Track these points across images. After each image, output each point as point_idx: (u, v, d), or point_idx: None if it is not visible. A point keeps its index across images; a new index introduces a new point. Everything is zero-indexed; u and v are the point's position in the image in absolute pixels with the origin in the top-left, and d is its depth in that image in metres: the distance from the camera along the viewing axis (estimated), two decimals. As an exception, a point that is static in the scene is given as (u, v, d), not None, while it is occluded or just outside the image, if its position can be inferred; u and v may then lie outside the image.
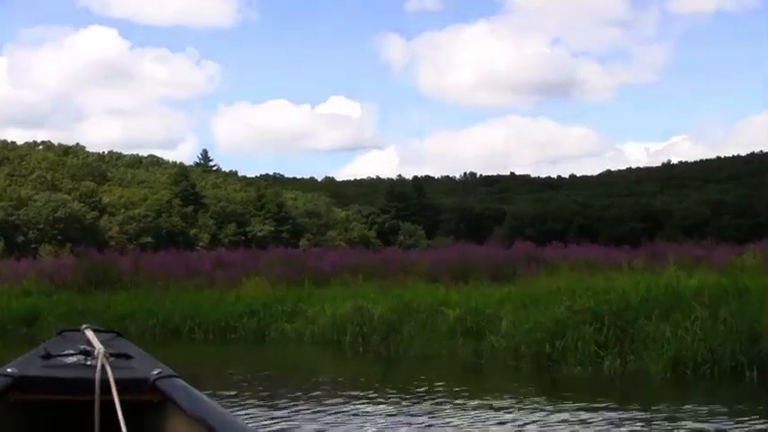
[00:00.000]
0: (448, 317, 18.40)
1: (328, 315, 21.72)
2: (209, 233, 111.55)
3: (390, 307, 20.39)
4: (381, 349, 19.21)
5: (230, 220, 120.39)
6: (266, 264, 32.47)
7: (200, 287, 28.69)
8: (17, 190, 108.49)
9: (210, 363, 20.16)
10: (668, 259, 27.58)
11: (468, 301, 18.87)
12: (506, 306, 17.96)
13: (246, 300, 25.09)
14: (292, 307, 23.71)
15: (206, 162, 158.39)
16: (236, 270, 31.18)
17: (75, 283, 29.53)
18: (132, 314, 25.07)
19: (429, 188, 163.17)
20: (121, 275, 29.93)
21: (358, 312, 20.70)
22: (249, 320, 23.54)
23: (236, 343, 22.76)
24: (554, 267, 29.21)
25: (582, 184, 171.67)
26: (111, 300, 26.71)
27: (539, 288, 19.22)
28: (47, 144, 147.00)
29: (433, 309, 19.56)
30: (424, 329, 18.82)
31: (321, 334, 21.34)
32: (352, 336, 20.27)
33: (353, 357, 19.52)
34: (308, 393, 13.91)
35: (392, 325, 19.67)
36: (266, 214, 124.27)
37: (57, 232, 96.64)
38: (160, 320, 24.48)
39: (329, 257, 33.43)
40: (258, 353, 21.78)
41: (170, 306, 25.22)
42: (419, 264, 31.75)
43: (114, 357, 4.44)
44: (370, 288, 25.51)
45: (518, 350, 15.93)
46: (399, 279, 27.78)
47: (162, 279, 29.91)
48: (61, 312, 25.58)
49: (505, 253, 31.63)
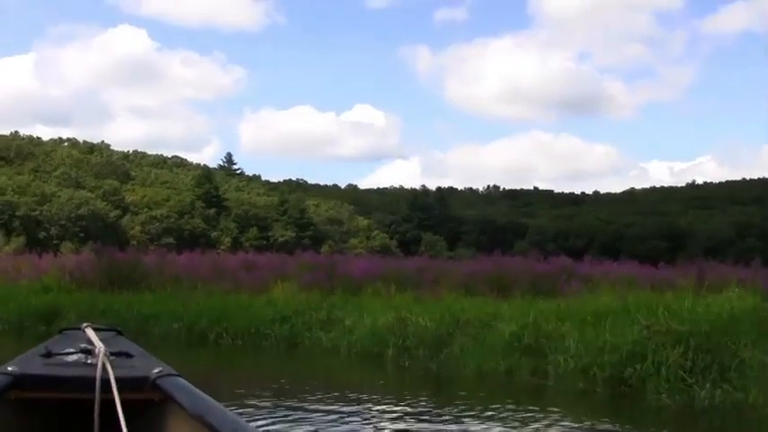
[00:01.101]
0: (502, 332, 16.94)
1: (367, 325, 20.30)
2: (231, 236, 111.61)
3: (437, 319, 18.91)
4: (429, 364, 17.75)
5: (252, 224, 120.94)
6: (296, 268, 31.35)
7: (226, 290, 27.39)
8: (41, 186, 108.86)
9: (241, 371, 19.06)
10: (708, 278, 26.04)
11: (523, 316, 17.40)
12: (567, 323, 16.49)
13: (277, 305, 23.70)
14: (327, 315, 22.28)
15: (230, 165, 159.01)
16: (264, 274, 29.91)
17: (97, 281, 28.30)
18: (156, 316, 23.90)
19: (452, 199, 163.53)
20: (145, 275, 28.69)
21: (401, 324, 19.34)
22: (281, 327, 22.12)
23: (266, 350, 21.31)
24: (594, 283, 27.80)
25: (605, 202, 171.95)
26: (135, 300, 25.46)
27: (595, 304, 17.78)
28: (72, 141, 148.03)
29: (482, 322, 18.12)
30: (477, 345, 17.36)
31: (360, 345, 19.85)
32: (394, 348, 18.90)
33: (397, 372, 18.00)
34: (349, 409, 12.78)
35: (440, 339, 18.24)
36: (288, 220, 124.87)
37: (78, 229, 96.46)
38: (186, 323, 23.23)
39: (360, 264, 32.07)
40: (292, 362, 20.41)
41: (196, 309, 23.96)
42: (454, 274, 30.47)
43: (115, 356, 4.42)
44: (404, 298, 24.20)
45: (588, 372, 14.49)
46: (434, 289, 26.44)
47: (187, 280, 28.74)
48: (82, 311, 24.24)
49: (543, 266, 30.19)
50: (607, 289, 25.20)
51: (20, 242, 67.00)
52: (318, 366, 19.48)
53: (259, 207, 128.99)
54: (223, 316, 23.10)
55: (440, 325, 18.51)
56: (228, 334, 22.37)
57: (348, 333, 20.56)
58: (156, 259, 31.66)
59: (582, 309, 17.24)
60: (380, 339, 19.37)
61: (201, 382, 13.01)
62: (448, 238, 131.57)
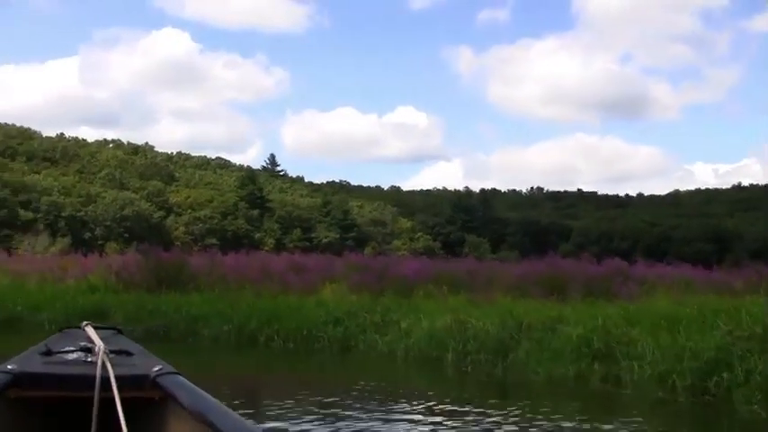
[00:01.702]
0: (569, 336, 16.19)
1: (424, 328, 19.58)
2: (274, 237, 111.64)
3: (497, 322, 18.17)
4: (493, 370, 17.01)
5: (295, 225, 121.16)
6: (344, 270, 30.79)
7: (274, 292, 26.79)
8: (86, 187, 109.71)
9: (293, 374, 18.42)
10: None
11: (589, 320, 16.65)
12: (637, 327, 15.74)
13: (328, 307, 23.07)
14: (381, 317, 21.54)
15: (273, 166, 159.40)
16: (311, 275, 29.45)
17: (144, 281, 27.88)
18: (205, 317, 23.33)
19: (495, 201, 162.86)
20: (193, 276, 28.18)
21: (460, 327, 18.61)
22: (334, 330, 21.45)
23: (319, 353, 20.67)
24: (650, 285, 27.24)
25: (649, 204, 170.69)
26: (183, 301, 24.92)
27: (666, 307, 17.07)
28: (117, 143, 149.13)
29: (546, 326, 17.38)
30: (543, 349, 16.61)
31: (417, 349, 19.10)
32: (454, 353, 18.14)
33: (459, 377, 17.21)
34: (410, 417, 12.24)
35: (503, 343, 17.47)
36: (332, 221, 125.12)
37: (123, 230, 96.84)
38: (235, 325, 22.62)
39: (410, 266, 31.43)
40: (346, 366, 19.87)
41: (246, 310, 23.34)
42: (505, 276, 29.78)
43: (115, 354, 4.46)
44: (458, 300, 23.59)
45: (666, 380, 13.71)
46: (487, 292, 25.76)
47: (235, 281, 28.23)
48: (129, 311, 24.07)
49: (596, 268, 29.40)
50: (663, 291, 25.00)
51: (65, 242, 66.96)
52: (374, 370, 18.79)
53: (302, 208, 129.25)
54: (273, 317, 22.48)
55: (501, 328, 17.79)
56: (279, 336, 21.77)
57: (404, 336, 19.86)
58: (204, 260, 31.18)
59: (652, 312, 16.57)
60: (439, 343, 18.65)
61: (253, 386, 12.42)
62: (491, 239, 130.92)
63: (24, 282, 31.02)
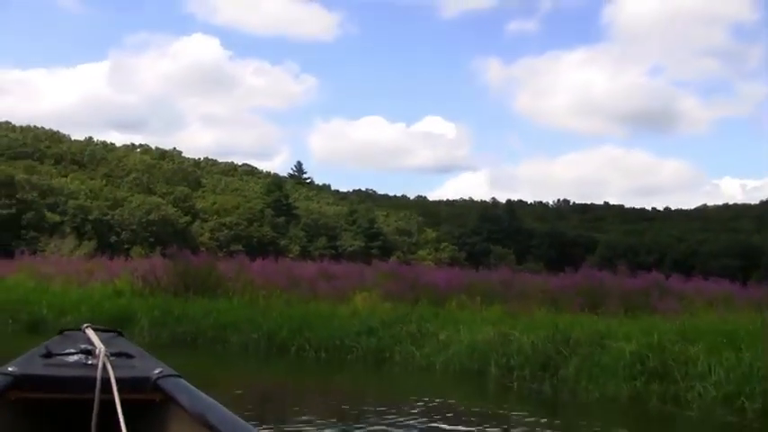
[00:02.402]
0: (622, 352, 15.32)
1: (464, 341, 18.75)
2: (300, 245, 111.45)
3: (543, 336, 17.28)
4: (541, 386, 16.13)
5: (321, 233, 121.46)
6: (375, 278, 30.09)
7: (305, 299, 26.18)
8: (113, 191, 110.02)
9: (326, 387, 17.62)
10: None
11: (643, 335, 15.78)
12: (695, 344, 14.88)
13: (361, 316, 22.33)
14: (417, 328, 20.69)
15: (300, 174, 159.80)
16: (342, 283, 28.77)
17: (171, 286, 27.12)
18: (235, 324, 22.54)
19: (521, 212, 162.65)
20: (222, 281, 27.47)
21: (503, 340, 17.81)
22: (368, 340, 20.57)
23: (352, 365, 19.89)
24: (688, 300, 26.64)
25: (676, 218, 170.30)
26: (211, 307, 24.15)
27: (717, 323, 16.26)
28: (144, 147, 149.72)
29: (594, 341, 16.50)
30: (593, 366, 15.72)
31: (458, 362, 18.21)
32: (497, 367, 17.30)
33: (503, 394, 16.26)
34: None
35: (549, 358, 16.59)
36: (357, 229, 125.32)
37: (149, 234, 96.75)
38: (265, 333, 21.82)
39: (444, 275, 30.73)
40: (381, 378, 19.03)
41: (276, 318, 22.56)
42: (540, 288, 29.04)
43: (115, 356, 4.42)
44: (494, 311, 23.07)
45: (734, 402, 12.87)
46: (522, 303, 25.03)
47: (264, 288, 27.51)
48: (156, 317, 23.54)
49: (633, 281, 28.57)
50: (704, 306, 24.40)
51: (91, 246, 66.47)
52: (411, 384, 17.96)
53: (328, 216, 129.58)
54: (305, 326, 21.73)
55: (547, 342, 16.90)
56: (311, 345, 20.94)
57: (443, 348, 19.02)
58: (232, 265, 30.47)
59: (709, 328, 15.69)
60: (481, 356, 17.83)
61: (283, 397, 11.62)
62: (517, 251, 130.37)
63: (50, 284, 30.38)
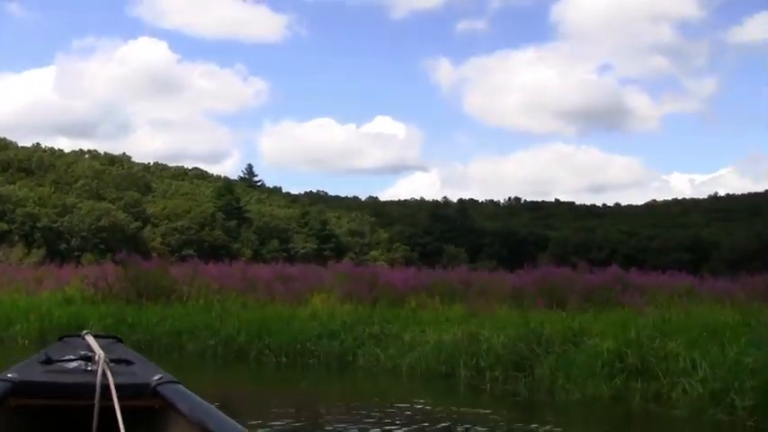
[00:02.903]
0: (599, 350, 14.71)
1: (431, 342, 18.09)
2: (252, 248, 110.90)
3: (514, 335, 16.66)
4: (515, 387, 15.45)
5: (273, 235, 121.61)
6: (332, 279, 29.50)
7: (261, 302, 25.53)
8: (62, 197, 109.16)
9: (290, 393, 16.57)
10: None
11: (620, 332, 15.18)
12: (673, 339, 14.30)
13: (322, 319, 21.60)
14: (380, 329, 20.02)
15: (250, 177, 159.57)
16: (298, 285, 28.18)
17: (124, 292, 26.35)
18: (191, 330, 21.82)
19: (473, 211, 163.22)
20: (176, 286, 26.71)
21: (472, 340, 17.15)
22: (329, 343, 19.89)
23: (314, 369, 19.19)
24: (651, 294, 26.37)
25: (626, 214, 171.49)
26: (165, 313, 23.40)
27: (703, 317, 15.75)
28: (93, 153, 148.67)
29: (567, 339, 15.92)
30: (570, 365, 15.07)
31: (425, 364, 17.51)
32: (467, 369, 16.62)
33: (475, 396, 15.55)
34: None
35: (522, 358, 15.94)
36: (309, 231, 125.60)
37: (99, 241, 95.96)
38: (222, 338, 21.12)
39: (403, 275, 30.14)
40: (346, 383, 18.35)
41: (234, 323, 21.83)
42: (500, 286, 28.58)
43: (115, 363, 4.45)
44: (456, 311, 22.52)
45: (722, 399, 12.23)
46: (481, 302, 24.47)
47: (220, 292, 26.83)
48: (108, 324, 22.35)
49: (595, 277, 28.11)
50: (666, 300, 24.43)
51: (40, 254, 65.48)
52: (376, 387, 17.29)
53: (280, 219, 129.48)
54: (263, 330, 21.02)
55: (518, 342, 16.27)
56: (271, 350, 20.24)
57: (409, 350, 18.34)
58: (186, 270, 29.70)
59: (686, 323, 15.18)
60: (448, 357, 17.16)
61: (244, 403, 10.96)
62: (469, 250, 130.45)
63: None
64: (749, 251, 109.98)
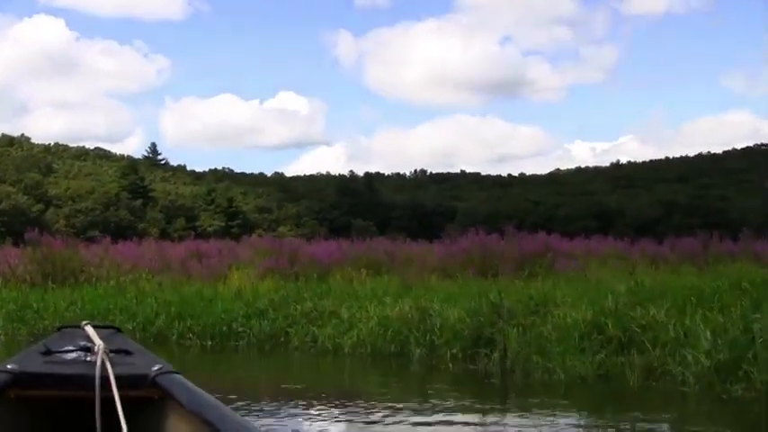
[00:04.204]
0: (572, 321, 13.17)
1: (374, 318, 16.41)
2: (159, 227, 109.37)
3: (468, 308, 15.11)
4: (484, 366, 13.81)
5: (179, 214, 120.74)
6: (250, 254, 28.55)
7: (177, 281, 24.02)
8: None
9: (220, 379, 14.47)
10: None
11: (592, 299, 13.69)
12: (655, 307, 12.84)
13: (247, 297, 19.93)
14: (313, 306, 18.27)
15: (154, 156, 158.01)
16: (214, 261, 26.95)
17: (27, 275, 24.51)
18: (104, 313, 19.65)
19: (379, 185, 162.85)
20: (85, 267, 24.89)
21: (422, 315, 15.60)
22: (259, 323, 18.12)
23: (243, 352, 17.47)
24: (583, 260, 26.05)
25: (531, 183, 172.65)
26: (75, 296, 21.48)
27: (686, 281, 14.50)
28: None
29: (530, 310, 14.44)
30: (542, 339, 13.46)
31: (370, 343, 15.79)
32: (419, 346, 15.01)
33: (434, 377, 13.87)
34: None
35: (484, 332, 14.32)
36: (216, 209, 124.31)
37: (0, 224, 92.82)
38: (140, 322, 19.22)
39: (326, 248, 28.76)
40: (283, 366, 16.60)
41: (150, 304, 20.02)
42: (427, 256, 27.54)
43: (114, 353, 4.45)
44: (384, 282, 21.84)
45: (735, 373, 10.77)
46: (408, 273, 23.66)
47: (132, 272, 25.19)
48: (11, 311, 20.75)
49: (525, 245, 26.93)
50: (598, 264, 25.26)
51: (-66, 239, 63.05)
52: (319, 370, 15.80)
53: (186, 197, 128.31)
54: (184, 311, 19.26)
55: (476, 315, 14.69)
56: (194, 333, 18.48)
57: (349, 328, 16.66)
58: (96, 250, 27.93)
59: (665, 289, 13.74)
60: (396, 335, 15.59)
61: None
62: (377, 223, 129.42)
63: None
64: (652, 217, 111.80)
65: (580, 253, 28.30)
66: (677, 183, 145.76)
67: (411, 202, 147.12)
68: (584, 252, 28.91)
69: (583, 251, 29.21)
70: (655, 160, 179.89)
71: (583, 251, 29.21)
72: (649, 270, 22.62)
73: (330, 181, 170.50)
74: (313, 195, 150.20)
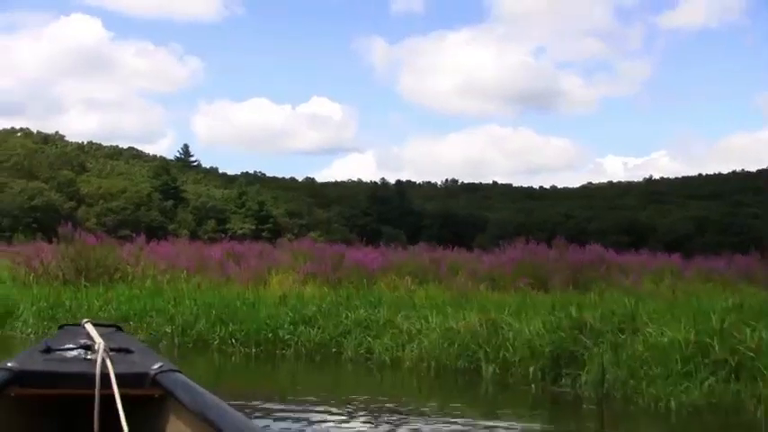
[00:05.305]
0: (669, 341, 11.74)
1: (436, 330, 15.05)
2: (189, 229, 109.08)
3: (547, 323, 13.75)
4: (572, 390, 12.39)
5: (210, 216, 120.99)
6: (289, 258, 27.27)
7: (215, 282, 23.07)
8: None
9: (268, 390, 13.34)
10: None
11: (692, 317, 12.26)
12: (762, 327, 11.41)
13: (293, 303, 18.62)
14: (366, 315, 16.99)
15: (186, 157, 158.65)
16: (254, 263, 25.82)
17: (60, 271, 23.52)
18: (140, 315, 18.72)
19: (410, 193, 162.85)
20: (119, 264, 23.80)
21: (492, 328, 14.25)
22: (307, 331, 16.83)
23: (290, 362, 16.19)
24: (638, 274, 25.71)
25: (563, 196, 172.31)
26: (109, 295, 20.35)
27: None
28: (25, 131, 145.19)
29: (616, 327, 13.00)
30: (637, 361, 11.87)
31: (434, 358, 14.46)
32: (489, 363, 13.63)
33: (513, 400, 12.58)
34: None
35: (566, 351, 12.91)
36: (247, 212, 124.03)
37: (32, 221, 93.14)
38: (179, 325, 17.98)
39: (371, 254, 27.64)
40: (337, 378, 15.22)
41: (191, 307, 18.73)
42: (475, 265, 26.65)
43: (115, 352, 4.37)
44: (432, 292, 21.10)
45: None
46: (462, 283, 22.61)
47: (169, 272, 24.40)
48: (43, 308, 19.68)
49: (578, 256, 25.75)
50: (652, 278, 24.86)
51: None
52: (381, 386, 14.23)
53: (217, 200, 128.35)
54: (225, 315, 17.96)
55: (557, 331, 13.33)
56: (237, 340, 17.18)
57: (408, 340, 15.33)
58: (131, 248, 26.88)
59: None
60: (464, 350, 14.22)
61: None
62: (407, 231, 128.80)
63: None
64: (684, 233, 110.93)
65: (631, 267, 27.46)
66: (710, 200, 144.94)
67: (442, 211, 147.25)
68: (635, 266, 28.00)
69: (634, 265, 28.31)
70: (687, 176, 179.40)
71: (634, 265, 28.31)
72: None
73: (361, 188, 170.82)
74: (344, 202, 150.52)
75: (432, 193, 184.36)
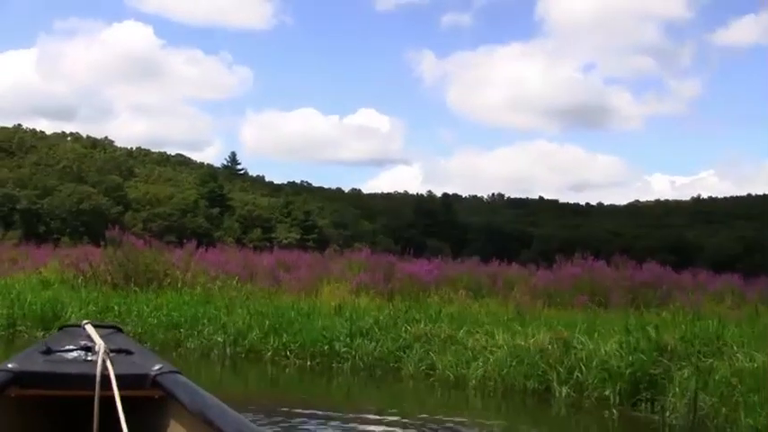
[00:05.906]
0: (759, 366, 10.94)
1: (504, 348, 14.33)
2: (234, 237, 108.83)
3: (624, 344, 12.98)
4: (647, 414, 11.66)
5: (256, 224, 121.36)
6: (341, 267, 26.93)
7: (268, 291, 22.66)
8: (42, 179, 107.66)
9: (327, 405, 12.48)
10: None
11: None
12: None
13: (350, 314, 17.84)
14: (428, 329, 16.15)
15: (233, 165, 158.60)
16: (305, 273, 25.60)
17: (109, 276, 23.01)
18: (191, 322, 18.15)
19: (456, 206, 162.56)
20: (169, 270, 23.31)
21: (564, 348, 13.51)
22: (365, 345, 16.11)
23: (347, 376, 15.52)
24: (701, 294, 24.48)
25: (609, 213, 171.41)
26: (159, 301, 19.91)
27: None
28: (75, 136, 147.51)
29: (701, 350, 12.12)
30: (727, 387, 11.03)
31: (501, 377, 13.69)
32: (561, 384, 12.93)
33: (594, 426, 11.96)
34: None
35: (646, 374, 12.13)
36: (293, 222, 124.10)
37: (79, 224, 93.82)
38: (231, 334, 17.37)
39: (422, 266, 26.97)
40: (400, 398, 14.29)
41: (243, 316, 18.16)
42: (530, 280, 26.04)
43: (115, 353, 4.44)
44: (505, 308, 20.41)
45: None
46: (519, 299, 21.99)
47: (219, 279, 23.73)
48: (91, 312, 18.87)
49: (640, 274, 25.07)
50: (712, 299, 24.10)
51: (17, 235, 62.57)
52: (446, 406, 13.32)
53: (263, 208, 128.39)
54: (279, 325, 17.36)
55: (635, 352, 12.53)
56: (291, 351, 16.56)
57: (473, 357, 14.56)
58: (180, 254, 26.44)
59: None
60: (533, 369, 13.49)
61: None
62: (452, 244, 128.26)
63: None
64: (733, 254, 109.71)
65: (688, 286, 26.47)
66: (758, 220, 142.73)
67: (487, 225, 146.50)
68: (693, 285, 27.00)
69: (692, 284, 27.27)
70: (736, 196, 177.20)
71: (692, 284, 27.27)
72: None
73: (407, 200, 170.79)
74: (389, 213, 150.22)
75: (477, 206, 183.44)
